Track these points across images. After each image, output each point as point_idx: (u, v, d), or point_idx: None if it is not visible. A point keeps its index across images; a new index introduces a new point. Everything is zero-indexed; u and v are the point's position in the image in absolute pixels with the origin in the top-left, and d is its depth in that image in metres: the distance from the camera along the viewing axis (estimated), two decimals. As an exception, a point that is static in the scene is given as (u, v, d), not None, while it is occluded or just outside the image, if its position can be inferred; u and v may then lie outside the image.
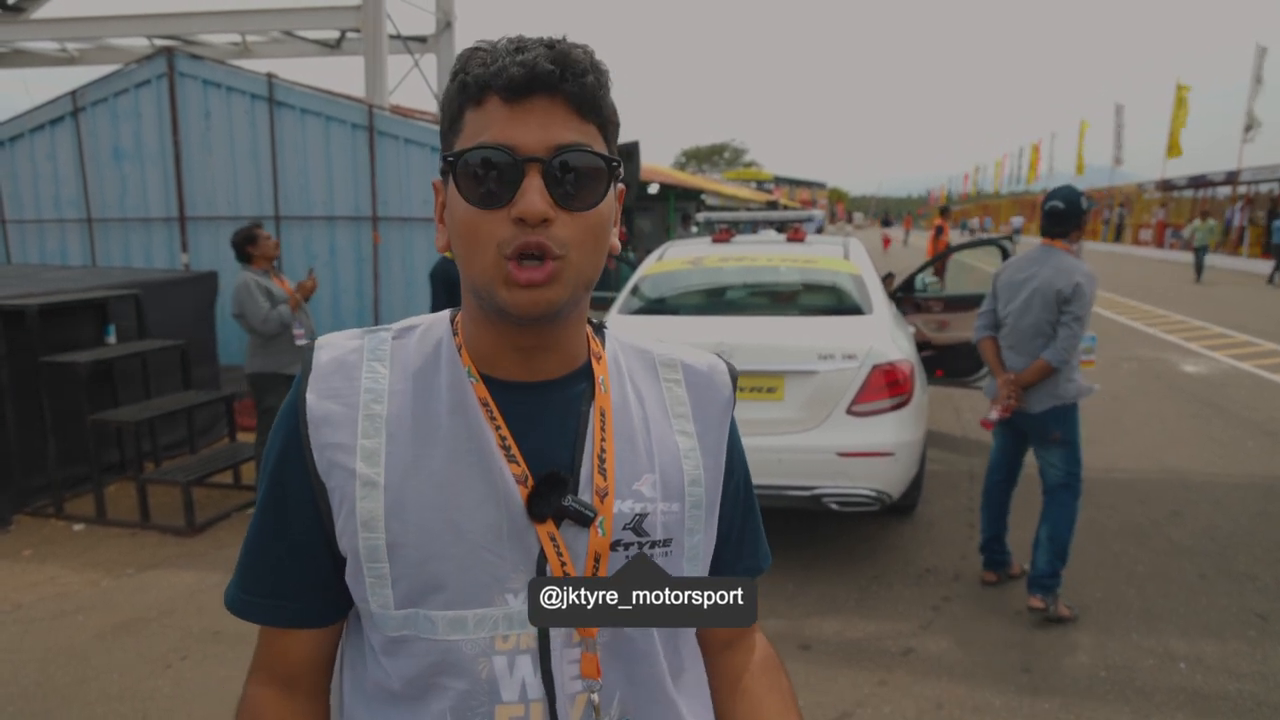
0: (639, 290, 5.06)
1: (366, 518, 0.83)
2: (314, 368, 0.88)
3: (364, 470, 0.83)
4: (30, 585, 4.21)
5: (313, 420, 0.85)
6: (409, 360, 0.89)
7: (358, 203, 7.61)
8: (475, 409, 0.86)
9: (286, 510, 0.87)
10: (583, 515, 0.84)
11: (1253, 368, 9.48)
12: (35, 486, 5.18)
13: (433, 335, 0.92)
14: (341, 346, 0.90)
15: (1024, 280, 3.89)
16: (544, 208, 0.77)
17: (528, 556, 0.84)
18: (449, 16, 11.68)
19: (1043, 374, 3.76)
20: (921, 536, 4.76)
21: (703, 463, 0.95)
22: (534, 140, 0.78)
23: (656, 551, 0.90)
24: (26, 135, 8.43)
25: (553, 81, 0.77)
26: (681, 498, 0.92)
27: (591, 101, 0.80)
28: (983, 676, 3.37)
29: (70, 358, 5.03)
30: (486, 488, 0.84)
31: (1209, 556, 4.41)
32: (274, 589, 0.89)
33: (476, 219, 0.79)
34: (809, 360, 4.09)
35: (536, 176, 0.78)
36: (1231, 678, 3.32)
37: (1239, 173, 27.63)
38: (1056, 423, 3.82)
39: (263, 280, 4.99)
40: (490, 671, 0.84)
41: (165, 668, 3.42)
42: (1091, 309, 3.76)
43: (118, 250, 8.36)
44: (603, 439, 0.89)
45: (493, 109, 0.79)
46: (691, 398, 0.97)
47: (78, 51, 12.68)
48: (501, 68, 0.77)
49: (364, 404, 0.86)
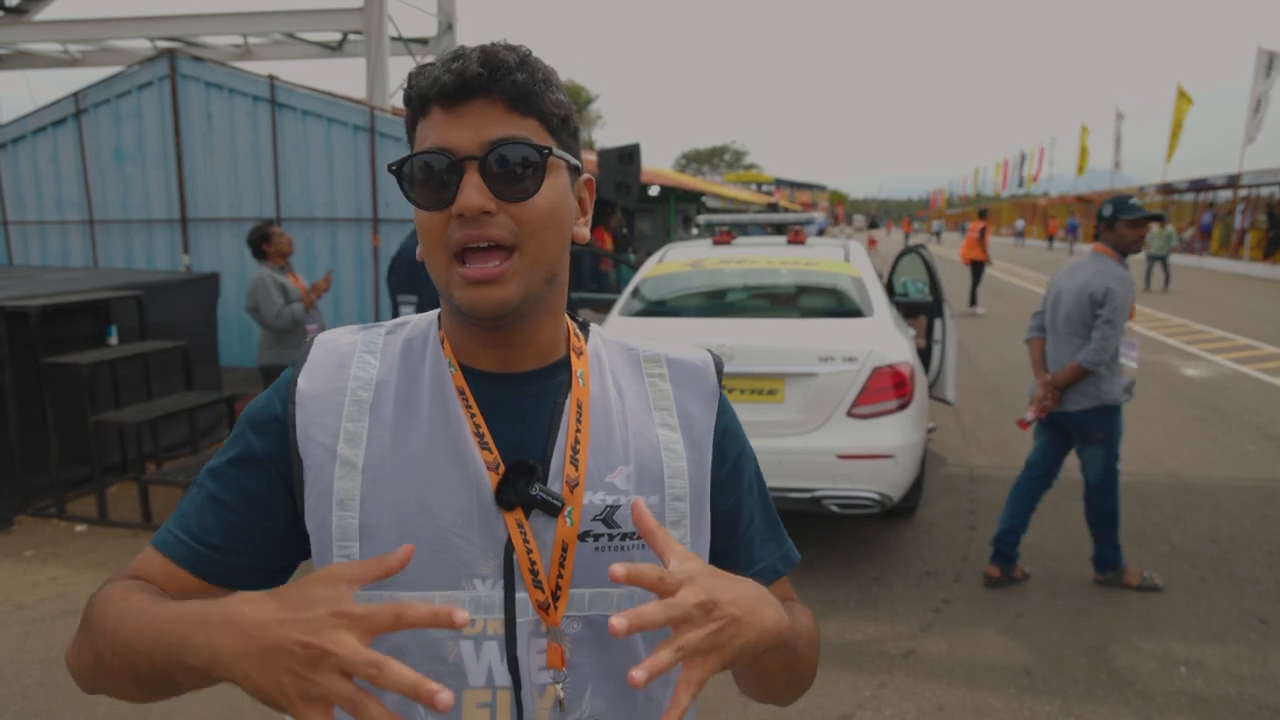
0: (639, 292, 5.06)
1: (343, 497, 0.86)
2: (310, 358, 0.93)
3: (344, 451, 0.87)
4: (32, 586, 4.21)
5: (300, 400, 0.89)
6: (397, 353, 0.93)
7: (359, 204, 7.61)
8: (453, 396, 0.89)
9: (253, 465, 0.89)
10: (550, 505, 0.86)
11: (1254, 371, 9.48)
12: (37, 487, 5.18)
13: (419, 330, 0.96)
14: (339, 339, 0.95)
15: (1067, 283, 4.02)
16: (480, 200, 0.80)
17: (496, 544, 0.86)
18: (450, 18, 11.69)
19: (1076, 375, 3.88)
20: (922, 538, 4.76)
21: (686, 455, 0.95)
22: (468, 140, 0.81)
23: (630, 544, 0.90)
24: (29, 137, 8.44)
25: (483, 83, 0.81)
26: (660, 490, 0.92)
27: (525, 98, 0.83)
28: (983, 678, 3.37)
29: (72, 359, 5.04)
30: (460, 474, 0.86)
31: (1210, 560, 4.41)
32: (199, 528, 0.88)
33: (427, 221, 0.84)
34: (809, 362, 4.10)
35: (474, 173, 0.81)
36: (1232, 681, 3.32)
37: (1240, 176, 27.62)
38: (1097, 423, 3.94)
39: (278, 277, 5.16)
40: (458, 655, 0.85)
41: (166, 668, 3.42)
42: (1126, 313, 3.82)
43: (119, 251, 8.36)
44: (577, 431, 0.90)
45: (435, 117, 0.83)
46: (676, 391, 0.98)
47: (80, 53, 12.70)
48: (436, 77, 0.82)
49: (351, 390, 0.90)
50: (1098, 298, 3.82)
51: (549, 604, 0.86)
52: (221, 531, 0.88)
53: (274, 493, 0.89)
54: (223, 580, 0.88)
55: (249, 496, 0.89)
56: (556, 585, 0.86)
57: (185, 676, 0.74)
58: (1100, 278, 3.84)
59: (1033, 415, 4.07)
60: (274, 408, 0.92)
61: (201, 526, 0.88)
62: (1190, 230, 30.70)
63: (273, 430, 0.90)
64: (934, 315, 5.94)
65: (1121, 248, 3.91)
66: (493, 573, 0.86)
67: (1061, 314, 4.00)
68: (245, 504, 0.89)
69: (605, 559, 0.88)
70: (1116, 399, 3.91)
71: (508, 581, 0.86)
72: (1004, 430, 6.97)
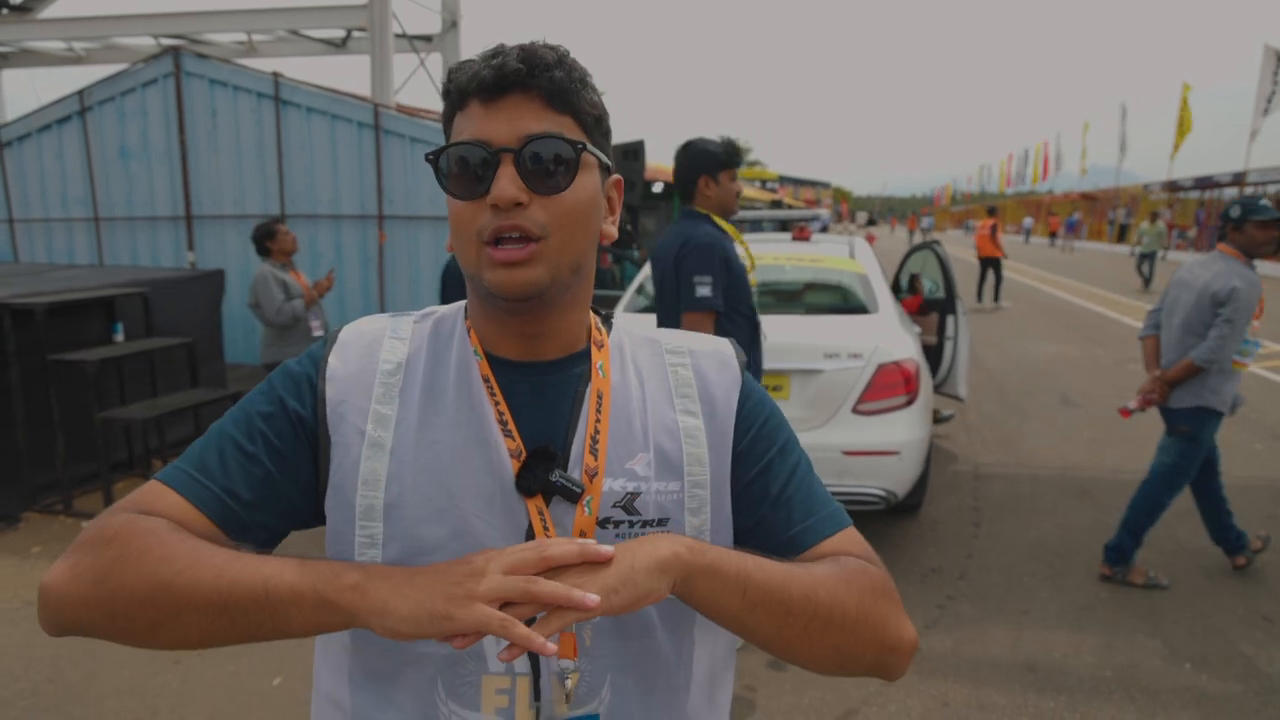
0: (644, 289, 5.06)
1: (369, 476, 0.87)
2: (340, 339, 0.94)
3: (374, 432, 0.88)
4: (40, 582, 4.22)
5: (331, 377, 0.91)
6: (425, 340, 0.95)
7: (363, 201, 7.62)
8: (478, 383, 0.91)
9: (285, 422, 0.89)
10: (570, 490, 0.87)
11: (1260, 370, 9.45)
12: (44, 484, 5.20)
13: (448, 319, 0.98)
14: (368, 325, 0.97)
15: (1187, 282, 4.00)
16: (514, 192, 0.82)
17: (517, 529, 0.87)
18: (455, 16, 11.71)
19: (1187, 372, 3.88)
20: (926, 535, 4.76)
21: (708, 441, 0.95)
22: (505, 133, 0.84)
23: (650, 531, 0.90)
24: (34, 135, 8.46)
25: (521, 78, 0.83)
26: (681, 477, 0.93)
27: (562, 95, 0.85)
28: (988, 675, 3.37)
29: (78, 356, 5.05)
30: (483, 459, 0.88)
31: (1215, 557, 4.40)
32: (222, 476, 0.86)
33: (461, 210, 0.86)
34: (815, 359, 4.10)
35: (509, 165, 0.83)
36: (1238, 679, 3.32)
37: (1246, 174, 27.54)
38: (1191, 419, 3.94)
39: (280, 274, 5.19)
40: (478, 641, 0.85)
41: (174, 663, 3.43)
42: (1249, 315, 3.82)
43: (125, 249, 8.38)
44: (597, 420, 0.91)
45: (473, 110, 0.86)
46: (698, 378, 0.99)
47: (85, 51, 12.73)
48: (476, 72, 0.84)
49: (381, 373, 0.91)
50: (1220, 297, 3.79)
51: None
52: (248, 484, 0.86)
53: (300, 457, 0.89)
54: (238, 534, 0.85)
55: (277, 453, 0.88)
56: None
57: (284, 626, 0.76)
58: (1225, 277, 3.81)
59: (1135, 405, 4.10)
60: (309, 372, 0.92)
61: (226, 475, 0.86)
62: (1194, 229, 30.62)
63: (307, 396, 0.91)
64: (947, 311, 5.93)
65: (1249, 249, 3.89)
66: None
67: (1180, 313, 3.97)
68: (273, 459, 0.88)
69: None
70: (1220, 406, 3.89)
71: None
72: (1009, 428, 6.97)
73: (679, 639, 0.94)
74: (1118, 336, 11.90)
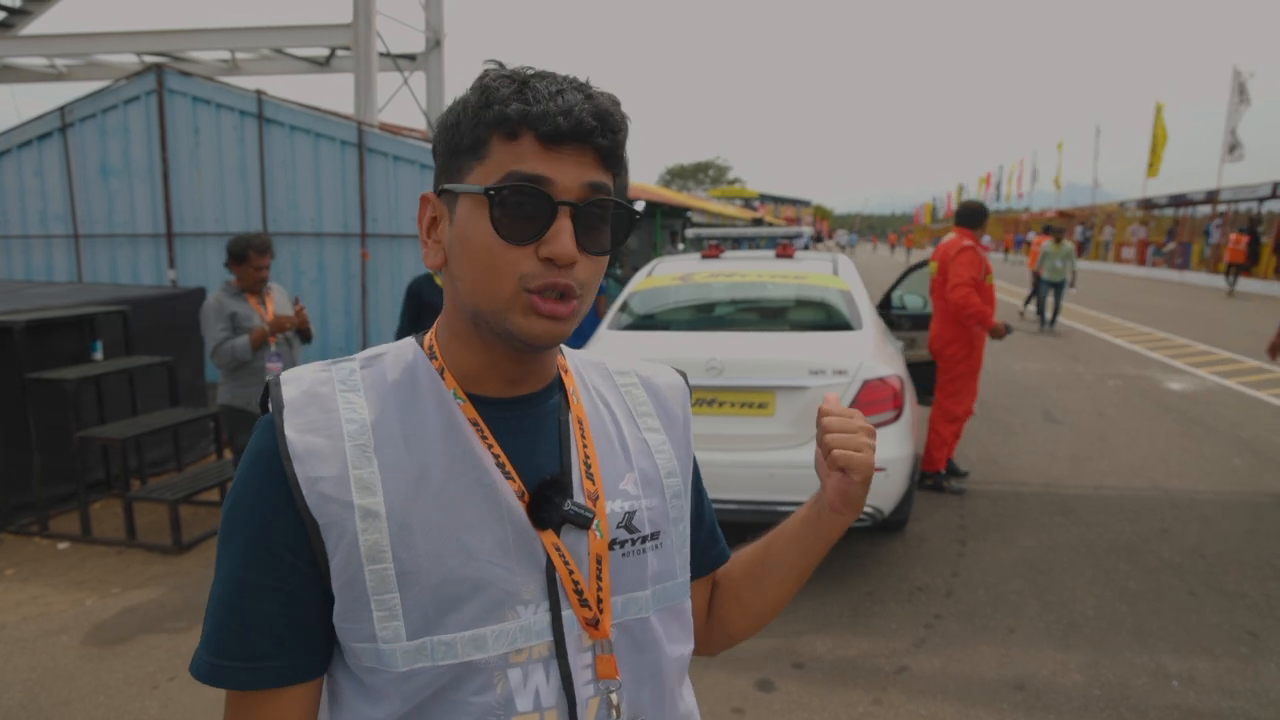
0: (628, 306, 5.06)
1: (370, 550, 0.80)
2: (285, 403, 0.84)
3: (362, 501, 0.81)
4: (14, 605, 4.15)
5: (296, 456, 0.81)
6: (384, 388, 0.88)
7: (346, 219, 7.59)
8: (467, 429, 0.87)
9: (275, 561, 0.82)
10: (583, 518, 0.87)
11: (1237, 385, 9.56)
12: (20, 504, 5.11)
13: (403, 361, 0.91)
14: (308, 379, 0.87)
15: None
16: (574, 251, 0.81)
17: (536, 566, 0.86)
18: (438, 35, 11.74)
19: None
20: (913, 553, 4.76)
21: (675, 454, 1.02)
22: (570, 185, 0.81)
23: (648, 546, 0.94)
24: (14, 151, 8.38)
25: (591, 135, 0.81)
26: (661, 491, 0.98)
27: (614, 154, 0.85)
28: (976, 694, 3.37)
29: (57, 374, 4.98)
30: (487, 505, 0.85)
31: (1199, 574, 4.43)
32: (259, 650, 0.82)
33: (500, 249, 0.81)
34: (800, 376, 4.10)
35: (568, 219, 0.81)
36: (1224, 695, 3.33)
37: (1219, 192, 28.00)
38: None
39: (232, 303, 4.42)
40: (505, 685, 0.84)
41: (153, 689, 3.37)
42: None
43: (105, 266, 8.30)
44: (585, 444, 0.93)
45: (528, 146, 0.81)
46: (652, 397, 1.04)
47: (66, 68, 12.66)
48: (545, 112, 0.79)
49: (348, 434, 0.83)
50: None
51: (596, 618, 0.88)
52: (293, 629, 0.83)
53: (311, 573, 0.83)
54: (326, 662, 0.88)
55: (285, 596, 0.83)
56: (598, 598, 0.88)
57: None
58: None
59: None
60: (259, 484, 0.83)
61: (280, 647, 0.83)
62: (1170, 244, 31.07)
63: (277, 501, 0.82)
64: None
65: None
66: (535, 596, 0.86)
67: None
68: (296, 598, 0.83)
69: (630, 564, 0.92)
70: None
71: (553, 602, 0.86)
72: (992, 446, 7.01)
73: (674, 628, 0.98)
74: (1098, 352, 12.01)
